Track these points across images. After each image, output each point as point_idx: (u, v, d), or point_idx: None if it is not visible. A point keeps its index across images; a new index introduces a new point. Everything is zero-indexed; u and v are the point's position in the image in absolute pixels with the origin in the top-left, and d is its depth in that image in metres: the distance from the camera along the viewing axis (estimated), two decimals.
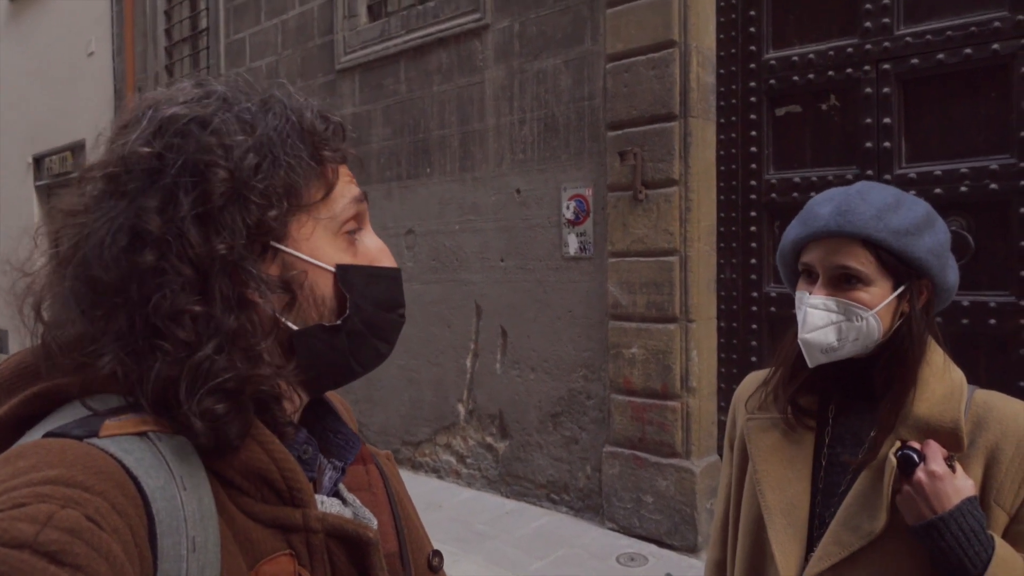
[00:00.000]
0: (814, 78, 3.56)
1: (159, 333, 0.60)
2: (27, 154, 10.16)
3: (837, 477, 1.19)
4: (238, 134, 0.64)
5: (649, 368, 3.89)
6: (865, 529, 1.10)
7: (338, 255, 0.70)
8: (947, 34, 3.16)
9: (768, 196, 3.73)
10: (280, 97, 0.70)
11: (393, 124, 5.30)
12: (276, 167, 0.65)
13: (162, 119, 0.64)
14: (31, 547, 0.47)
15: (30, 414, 0.62)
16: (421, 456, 5.21)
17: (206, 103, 0.66)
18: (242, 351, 0.62)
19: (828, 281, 1.14)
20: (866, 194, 1.13)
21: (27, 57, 10.11)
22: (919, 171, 3.24)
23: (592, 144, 4.19)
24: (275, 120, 0.67)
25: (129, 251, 0.60)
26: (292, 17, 6.04)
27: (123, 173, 0.63)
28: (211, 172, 0.62)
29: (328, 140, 0.71)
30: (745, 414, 1.31)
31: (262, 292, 0.64)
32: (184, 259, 0.61)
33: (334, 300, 0.70)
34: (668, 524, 3.83)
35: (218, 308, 0.61)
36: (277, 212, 0.65)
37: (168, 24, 7.63)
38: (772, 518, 1.20)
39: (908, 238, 1.10)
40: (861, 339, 1.13)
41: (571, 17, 4.26)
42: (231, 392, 0.61)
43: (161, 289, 0.60)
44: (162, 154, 0.62)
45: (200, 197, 0.62)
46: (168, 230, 0.60)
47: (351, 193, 0.72)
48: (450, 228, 4.98)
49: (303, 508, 0.66)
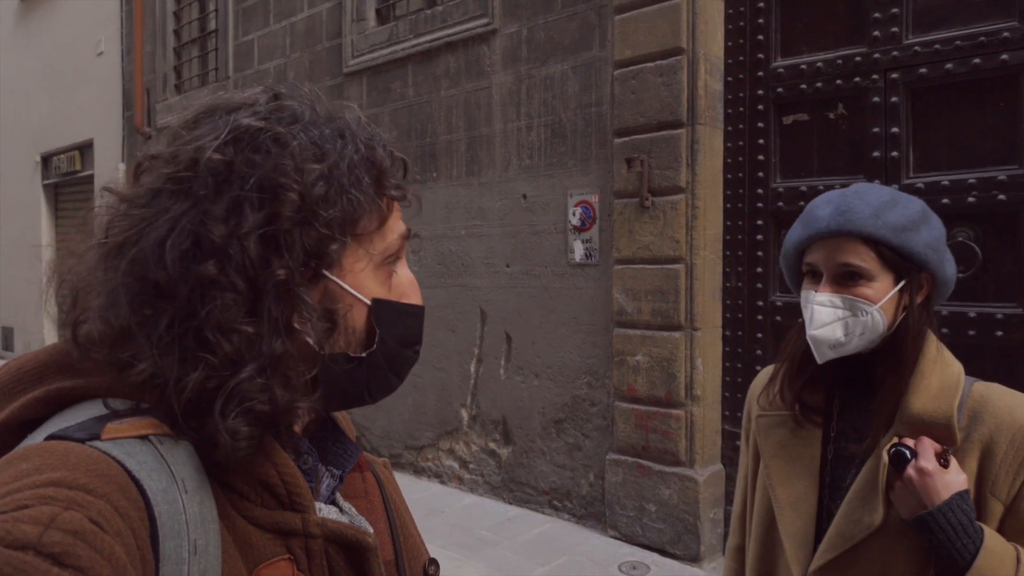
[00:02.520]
0: (822, 86, 3.55)
1: (205, 344, 0.59)
2: (35, 153, 10.22)
3: (843, 471, 1.23)
4: (312, 160, 0.64)
5: (653, 376, 3.88)
6: (865, 522, 1.15)
7: (377, 288, 0.71)
8: (956, 44, 3.15)
9: (775, 205, 3.72)
10: (350, 122, 0.70)
11: (400, 128, 5.31)
12: (341, 197, 0.65)
13: (238, 128, 0.64)
14: (34, 549, 0.47)
15: (32, 417, 0.62)
16: (424, 461, 5.21)
17: (280, 118, 0.66)
18: (282, 377, 0.62)
19: (832, 279, 1.18)
20: (863, 194, 1.17)
21: (36, 56, 10.17)
22: (926, 181, 3.23)
23: (599, 150, 4.19)
24: (347, 149, 0.67)
25: (190, 257, 0.60)
26: (301, 20, 6.07)
27: (191, 175, 0.62)
28: (283, 194, 0.62)
29: (392, 175, 0.72)
30: (757, 410, 1.35)
31: (309, 320, 0.64)
32: (242, 275, 0.60)
33: (364, 332, 0.70)
34: (671, 533, 3.82)
35: (266, 330, 0.61)
36: (339, 245, 0.65)
37: (177, 25, 7.67)
38: (782, 511, 1.26)
39: (906, 233, 1.14)
40: (867, 333, 1.17)
41: (579, 23, 4.26)
42: (260, 415, 0.61)
43: (214, 301, 0.59)
44: (233, 163, 0.62)
45: (268, 217, 0.61)
46: (230, 243, 0.60)
47: (399, 229, 0.73)
48: (456, 233, 4.99)
49: (303, 513, 0.66)
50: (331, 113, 0.71)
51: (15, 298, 10.48)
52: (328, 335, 0.67)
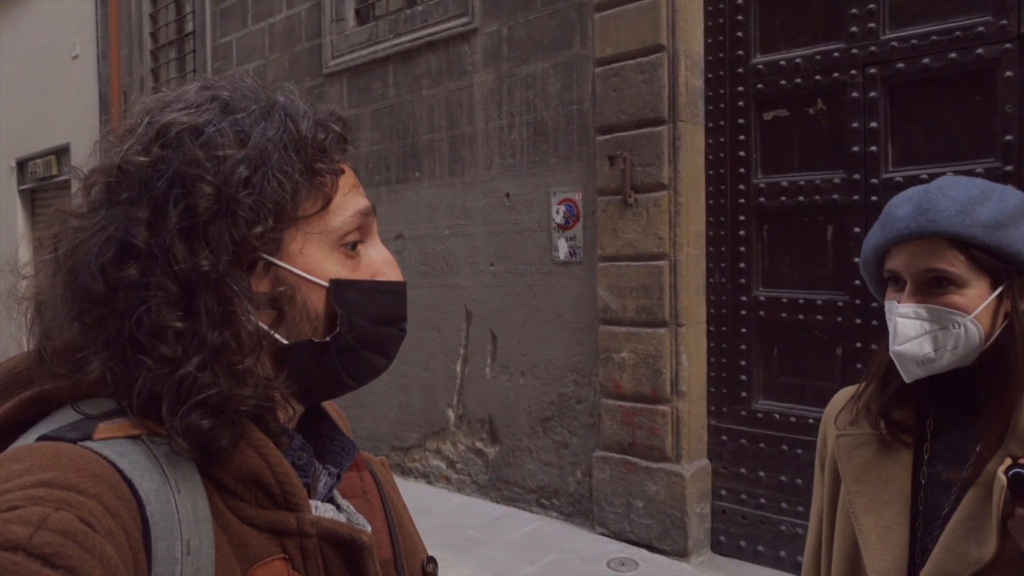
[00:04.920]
0: (801, 82, 3.58)
1: (143, 348, 0.59)
2: (10, 158, 10.07)
3: (939, 498, 1.09)
4: (230, 146, 0.63)
5: (639, 372, 3.89)
6: (973, 556, 1.00)
7: (335, 269, 0.69)
8: (932, 38, 3.19)
9: (756, 200, 3.75)
10: (283, 103, 0.69)
11: (382, 128, 5.30)
12: (267, 180, 0.63)
13: (159, 126, 0.63)
14: (25, 549, 0.46)
15: (23, 418, 0.62)
16: (411, 462, 5.19)
17: (205, 109, 0.65)
18: (226, 367, 0.61)
19: (917, 287, 1.05)
20: (948, 189, 1.04)
21: (10, 60, 10.03)
22: (905, 175, 3.27)
23: (581, 148, 4.20)
24: (271, 130, 0.65)
25: (115, 264, 0.60)
26: (279, 21, 6.03)
27: (118, 181, 0.62)
28: (197, 186, 0.61)
29: (326, 151, 0.69)
30: (835, 431, 1.21)
31: (247, 309, 0.63)
32: (169, 274, 0.60)
33: (325, 315, 0.69)
34: (659, 528, 3.83)
35: (203, 324, 0.60)
36: (263, 228, 0.63)
37: (154, 27, 7.59)
38: (868, 543, 1.11)
39: (1002, 231, 1.00)
40: (961, 347, 1.03)
41: (559, 21, 4.27)
42: (215, 407, 0.60)
43: (145, 303, 0.59)
44: (155, 164, 0.62)
45: (186, 211, 0.61)
46: (155, 243, 0.60)
47: (355, 206, 0.71)
48: (440, 232, 4.98)
49: (297, 512, 0.65)
50: (260, 95, 0.69)
51: None
52: (280, 320, 0.66)
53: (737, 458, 3.81)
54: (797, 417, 3.60)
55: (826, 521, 1.23)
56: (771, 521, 3.68)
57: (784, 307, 3.66)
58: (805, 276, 3.61)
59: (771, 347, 3.72)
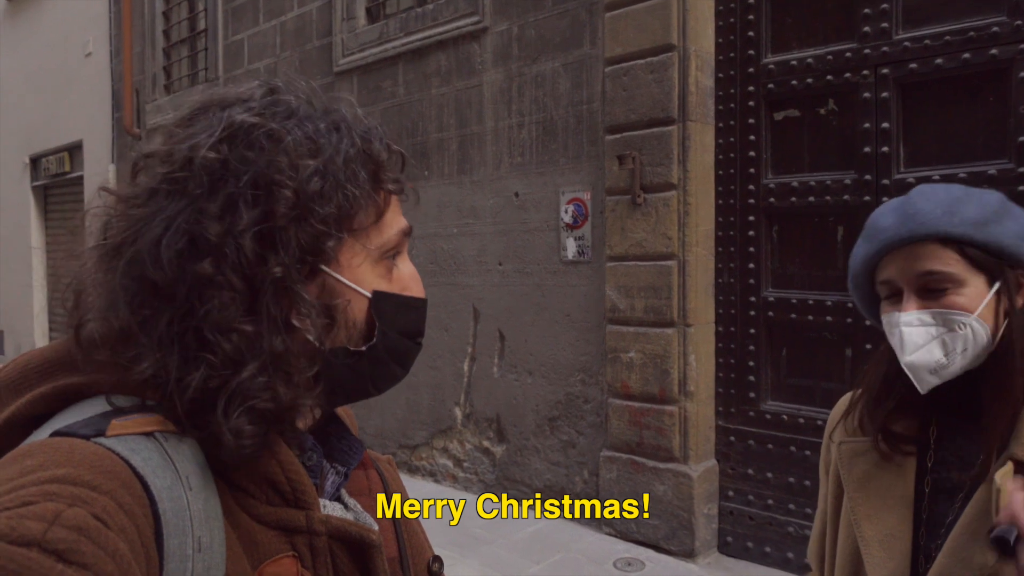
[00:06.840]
0: (812, 82, 3.57)
1: (205, 344, 0.59)
2: (24, 154, 10.15)
3: (943, 506, 1.07)
4: (307, 155, 0.64)
5: (647, 372, 3.88)
6: (978, 561, 0.97)
7: (376, 281, 0.71)
8: (946, 39, 3.17)
9: (766, 200, 3.73)
10: (346, 116, 0.70)
11: (391, 126, 5.30)
12: (337, 192, 0.65)
13: (232, 124, 0.63)
14: (39, 545, 0.46)
15: (37, 413, 0.62)
16: (418, 460, 5.20)
17: (275, 113, 0.66)
18: (284, 375, 0.62)
19: (916, 293, 1.02)
20: (928, 194, 1.04)
21: (24, 57, 10.10)
22: (917, 176, 3.25)
23: (590, 148, 4.19)
24: (342, 143, 0.67)
25: (186, 256, 0.60)
26: (291, 19, 6.05)
27: (186, 174, 0.62)
28: (278, 191, 0.62)
29: (390, 169, 0.71)
30: (838, 437, 1.20)
31: (308, 316, 0.64)
32: (238, 273, 0.60)
33: (364, 325, 0.70)
34: (665, 529, 3.83)
35: (266, 328, 0.61)
36: (335, 241, 0.65)
37: (167, 25, 7.63)
38: (870, 551, 1.09)
39: (990, 227, 1.00)
40: (970, 348, 1.01)
41: (569, 20, 4.26)
42: (263, 413, 0.61)
43: (212, 300, 0.59)
44: (228, 161, 0.62)
45: (263, 214, 0.61)
46: (226, 241, 0.60)
47: (399, 224, 0.73)
48: (448, 231, 4.98)
49: (307, 510, 0.66)
50: (327, 107, 0.70)
51: (5, 301, 10.42)
52: (328, 330, 0.67)
53: (745, 459, 3.80)
54: (805, 418, 3.58)
55: (829, 526, 1.22)
56: (779, 522, 3.67)
57: (793, 308, 3.64)
58: (815, 277, 3.59)
59: (780, 348, 3.71)
